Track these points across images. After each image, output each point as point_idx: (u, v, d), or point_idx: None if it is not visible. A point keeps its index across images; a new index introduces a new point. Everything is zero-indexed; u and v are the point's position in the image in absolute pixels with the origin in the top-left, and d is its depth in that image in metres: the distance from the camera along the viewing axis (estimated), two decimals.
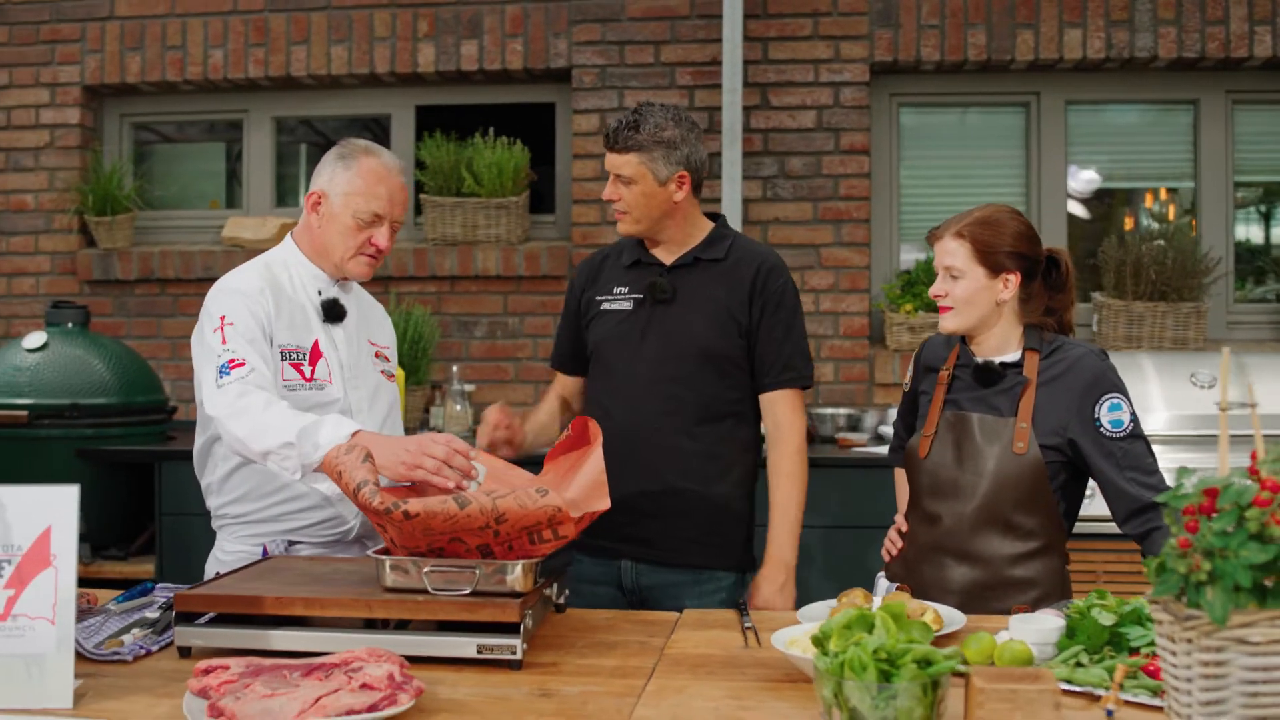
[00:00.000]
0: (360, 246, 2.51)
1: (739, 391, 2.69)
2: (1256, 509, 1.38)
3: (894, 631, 1.58)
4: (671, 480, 2.62)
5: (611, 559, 2.66)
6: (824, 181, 4.61)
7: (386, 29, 4.82)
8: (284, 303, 2.50)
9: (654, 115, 2.61)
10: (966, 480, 2.31)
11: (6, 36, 4.97)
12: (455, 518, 1.85)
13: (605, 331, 2.72)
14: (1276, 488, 1.38)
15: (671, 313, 2.67)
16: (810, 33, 4.61)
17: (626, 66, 4.70)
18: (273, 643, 1.92)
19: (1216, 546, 1.39)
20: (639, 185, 2.60)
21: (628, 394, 2.66)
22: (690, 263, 2.69)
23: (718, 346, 2.64)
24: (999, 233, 2.33)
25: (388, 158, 2.53)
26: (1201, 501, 1.43)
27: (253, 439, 2.20)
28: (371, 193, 2.48)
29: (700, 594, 2.63)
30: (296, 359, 2.47)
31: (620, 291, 2.72)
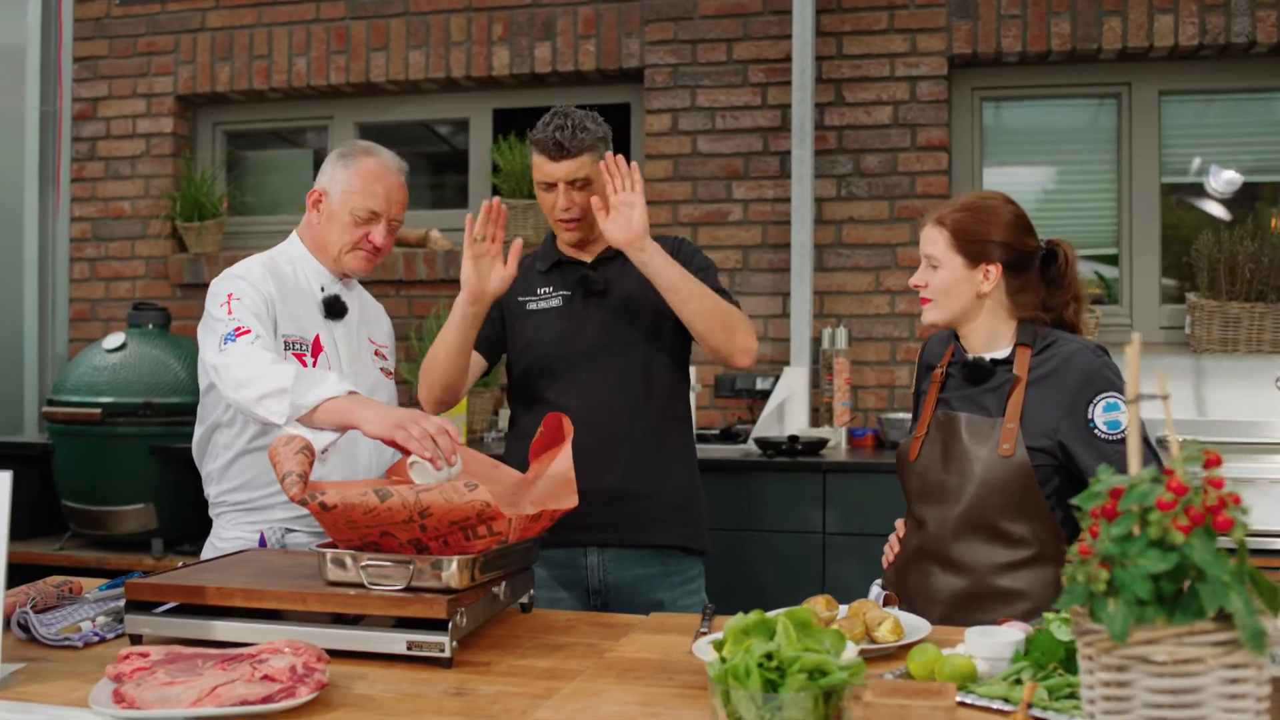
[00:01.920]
0: (357, 242, 2.55)
1: (676, 372, 2.72)
2: (1159, 512, 1.24)
3: (792, 639, 1.47)
4: (629, 463, 2.62)
5: (577, 549, 2.63)
6: (900, 179, 4.45)
7: (462, 33, 4.85)
8: (287, 294, 2.53)
9: (585, 117, 2.61)
10: (952, 483, 2.17)
11: (106, 49, 5.17)
12: (376, 510, 1.81)
13: (538, 330, 2.69)
14: (1181, 490, 1.24)
15: (607, 303, 2.67)
16: (886, 26, 4.46)
17: (699, 65, 4.63)
18: (215, 633, 1.91)
19: (1115, 554, 1.25)
20: (594, 184, 2.59)
21: (574, 386, 2.64)
22: (613, 256, 2.68)
23: (655, 330, 2.66)
24: (983, 221, 2.19)
25: (387, 158, 2.58)
26: (1105, 503, 1.30)
27: (251, 382, 2.21)
28: (369, 190, 2.53)
29: (671, 585, 2.62)
30: (299, 349, 2.50)
31: (545, 291, 2.72)
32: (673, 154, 4.65)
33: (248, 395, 2.20)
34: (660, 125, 4.66)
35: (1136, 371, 1.31)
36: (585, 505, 2.56)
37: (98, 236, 5.19)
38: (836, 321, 4.43)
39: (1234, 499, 1.24)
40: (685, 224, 4.62)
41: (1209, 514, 1.23)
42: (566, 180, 2.58)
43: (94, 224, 5.19)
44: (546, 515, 2.05)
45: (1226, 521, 1.23)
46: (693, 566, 2.68)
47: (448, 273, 4.76)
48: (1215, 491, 1.24)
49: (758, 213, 4.58)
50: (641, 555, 2.62)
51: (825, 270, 4.49)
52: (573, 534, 2.59)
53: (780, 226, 4.52)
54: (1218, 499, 1.23)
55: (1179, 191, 4.52)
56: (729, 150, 4.60)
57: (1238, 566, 1.26)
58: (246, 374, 2.22)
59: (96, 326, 5.14)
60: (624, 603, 2.62)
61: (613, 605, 2.63)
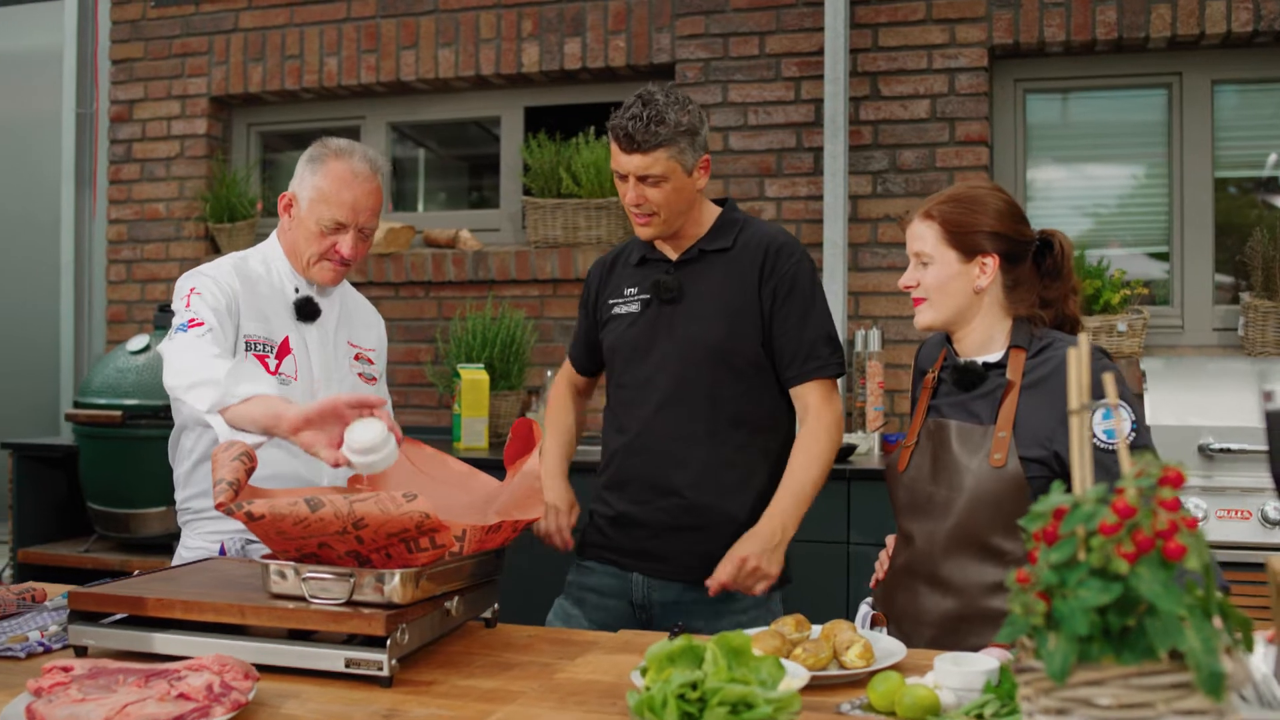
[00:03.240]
0: (324, 253, 2.45)
1: (758, 393, 2.45)
2: (1101, 537, 1.10)
3: (721, 668, 1.35)
4: (685, 493, 2.43)
5: (624, 570, 2.50)
6: (938, 175, 4.28)
7: (492, 30, 4.77)
8: (258, 295, 2.46)
9: (669, 105, 2.37)
10: (941, 496, 2.02)
11: (142, 52, 5.18)
12: (307, 521, 1.72)
13: (615, 337, 2.54)
14: (1128, 512, 1.10)
15: (679, 313, 2.46)
16: (923, 16, 4.30)
17: (731, 59, 4.50)
18: (155, 646, 1.84)
19: (1053, 584, 1.12)
20: (671, 182, 2.37)
21: (638, 402, 2.49)
22: (695, 256, 2.48)
23: (730, 346, 2.43)
24: (974, 211, 2.04)
25: (358, 160, 2.43)
26: (1047, 525, 1.16)
27: (186, 371, 2.13)
28: (336, 199, 2.41)
29: (718, 614, 2.40)
30: (262, 351, 2.41)
31: (630, 292, 2.54)
32: None
33: (180, 382, 2.13)
34: None
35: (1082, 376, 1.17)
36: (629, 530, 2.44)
37: (133, 238, 5.20)
38: (871, 323, 4.28)
39: (1189, 523, 1.10)
40: None
41: (1159, 539, 1.09)
42: (637, 175, 2.36)
43: (130, 226, 5.20)
44: (507, 526, 1.94)
45: (1178, 548, 1.08)
46: (745, 596, 2.41)
47: (477, 274, 4.69)
48: (1167, 514, 1.10)
49: (791, 211, 4.44)
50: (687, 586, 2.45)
51: (860, 270, 4.33)
52: (619, 556, 2.47)
53: (814, 225, 4.37)
54: (1169, 523, 1.09)
55: (1234, 186, 4.29)
56: (761, 146, 4.47)
57: (1199, 598, 1.12)
58: (184, 362, 2.15)
59: (132, 328, 5.14)
60: (667, 620, 2.45)
61: (656, 623, 2.47)
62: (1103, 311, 3.97)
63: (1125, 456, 1.15)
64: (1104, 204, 4.41)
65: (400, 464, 2.27)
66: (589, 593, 2.55)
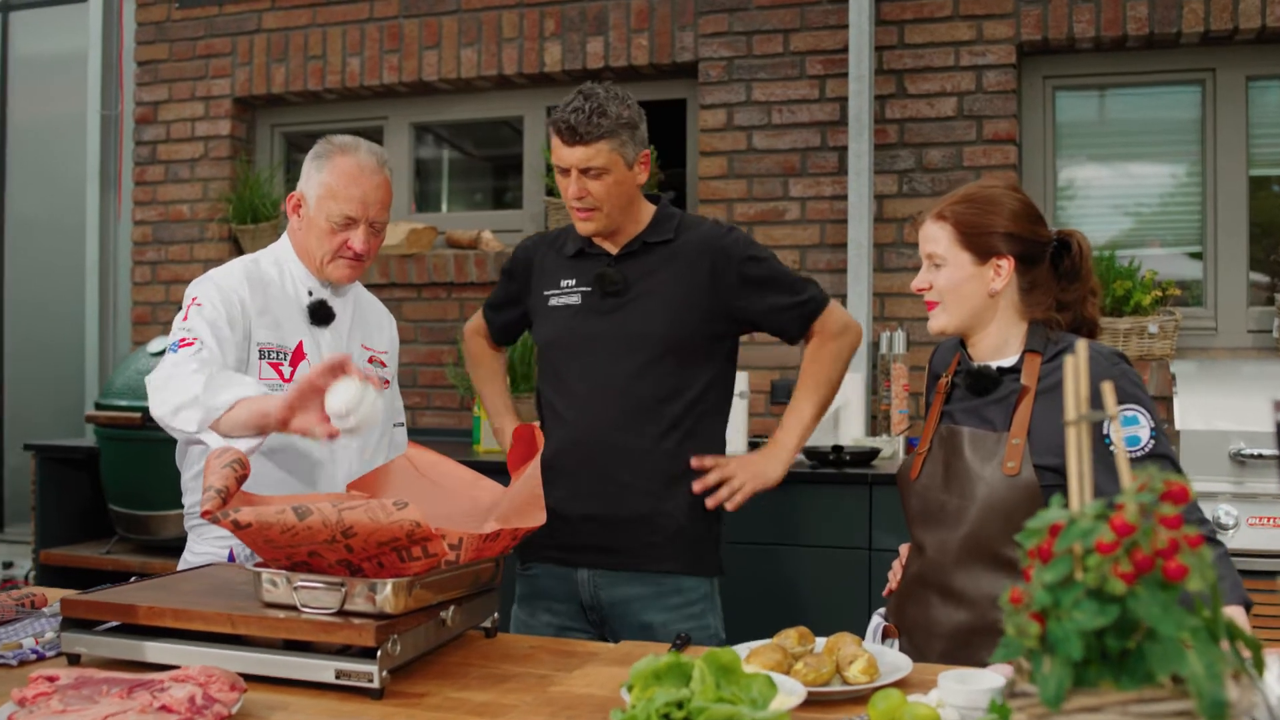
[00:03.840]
0: (337, 250, 2.42)
1: (704, 379, 2.49)
2: (1097, 556, 1.04)
3: (708, 686, 1.30)
4: (632, 483, 2.43)
5: (570, 568, 2.48)
6: (965, 175, 4.20)
7: (514, 29, 4.74)
8: (270, 300, 2.43)
9: (610, 99, 2.40)
10: (953, 505, 1.96)
11: (166, 53, 5.18)
12: (294, 529, 1.69)
13: (554, 330, 2.52)
14: (1126, 529, 1.04)
15: (624, 305, 2.46)
16: (950, 13, 4.22)
17: (754, 58, 4.44)
18: (146, 654, 1.81)
19: (1047, 605, 1.06)
20: (612, 175, 2.40)
21: (582, 395, 2.47)
22: (638, 249, 2.49)
23: (677, 335, 2.46)
24: (988, 211, 1.98)
25: (364, 154, 2.41)
26: (1043, 542, 1.10)
27: (167, 398, 2.12)
28: (344, 194, 2.38)
29: (666, 608, 2.43)
30: (276, 359, 2.39)
31: (568, 284, 2.53)
32: (727, 150, 4.47)
33: (164, 411, 2.13)
34: (715, 121, 4.49)
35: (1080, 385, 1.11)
36: (575, 525, 2.43)
37: (158, 240, 5.20)
38: (896, 325, 4.20)
39: (1191, 541, 1.04)
40: (740, 222, 4.43)
41: (1158, 559, 1.03)
42: (579, 168, 2.39)
43: (154, 227, 5.20)
44: (506, 534, 1.90)
45: (1179, 569, 1.03)
46: (696, 588, 2.48)
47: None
48: (1168, 532, 1.04)
49: (815, 211, 4.37)
50: (634, 575, 2.46)
51: (885, 271, 4.26)
52: (562, 553, 2.45)
53: (839, 225, 4.31)
54: (1169, 541, 1.03)
55: (1271, 184, 4.19)
56: (785, 146, 4.40)
57: (1205, 619, 1.06)
58: (166, 391, 2.14)
59: (157, 330, 5.14)
60: (618, 621, 2.47)
61: (610, 623, 2.48)
62: (1133, 313, 3.89)
63: (1124, 468, 1.09)
64: (1135, 203, 4.32)
65: (403, 469, 2.25)
66: (538, 600, 2.55)
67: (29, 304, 5.62)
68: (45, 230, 5.58)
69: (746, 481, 2.46)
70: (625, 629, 2.46)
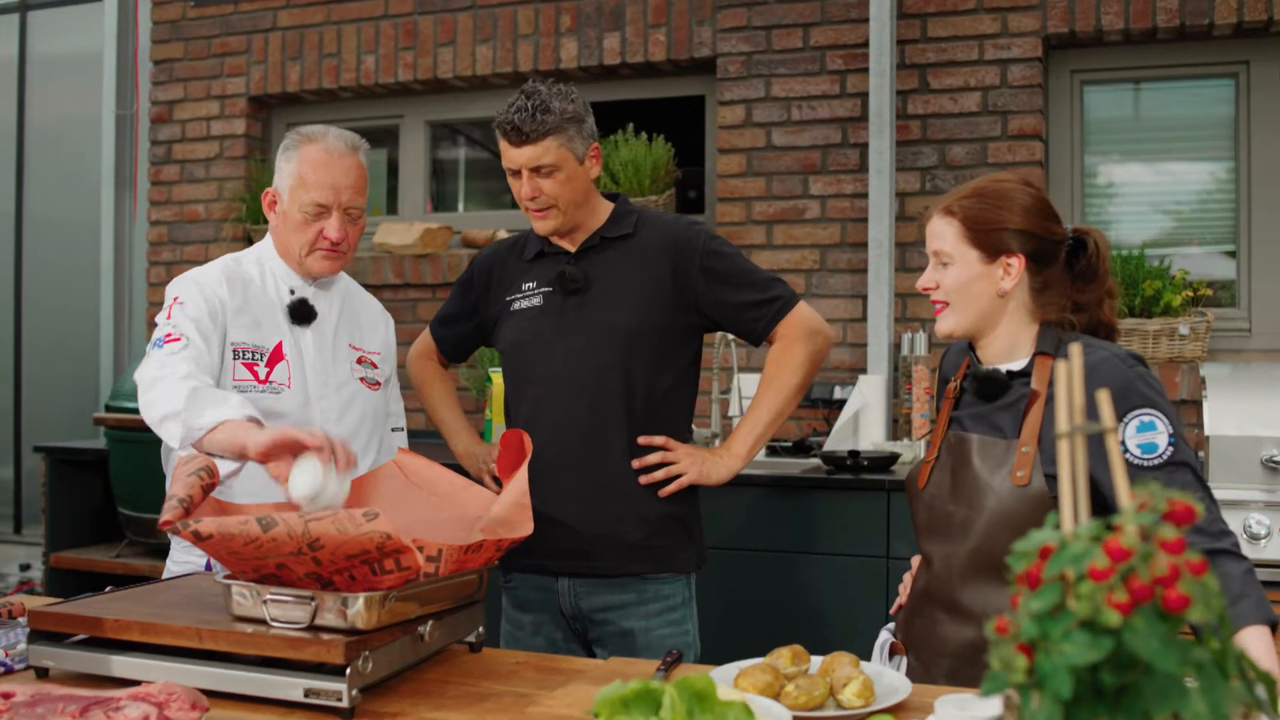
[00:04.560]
0: (313, 242, 2.35)
1: (674, 369, 2.44)
2: (1090, 583, 0.94)
3: (679, 714, 1.21)
4: (605, 483, 2.37)
5: (550, 577, 2.42)
6: (990, 172, 4.06)
7: (530, 25, 4.66)
8: (250, 300, 2.36)
9: (553, 95, 2.35)
10: (960, 516, 1.86)
11: (182, 52, 5.15)
12: (259, 541, 1.61)
13: (517, 333, 2.46)
14: (1121, 554, 0.94)
15: (588, 302, 2.41)
16: (974, 5, 4.10)
17: (774, 53, 4.34)
18: (113, 669, 1.74)
19: (1033, 635, 0.96)
20: (563, 171, 2.36)
21: (547, 396, 2.41)
22: (597, 244, 2.44)
23: (643, 328, 2.40)
24: (998, 207, 1.87)
25: (332, 140, 2.34)
26: (1032, 565, 1.01)
27: (154, 404, 2.09)
28: (314, 181, 2.31)
29: (647, 614, 2.38)
30: (251, 359, 2.32)
31: (529, 287, 2.48)
32: (746, 147, 4.37)
33: (151, 415, 2.09)
34: (733, 117, 4.39)
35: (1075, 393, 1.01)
36: (549, 530, 2.36)
37: (174, 240, 5.16)
38: (919, 326, 4.09)
39: (1194, 567, 0.94)
40: (759, 221, 4.34)
41: (1157, 587, 0.93)
42: (529, 167, 2.35)
43: (170, 227, 5.17)
44: (490, 545, 1.82)
45: (1180, 599, 0.92)
46: (676, 592, 2.43)
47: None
48: (1168, 558, 0.94)
49: (836, 209, 4.27)
50: (611, 581, 2.39)
51: (907, 270, 4.15)
52: (540, 560, 2.38)
53: (860, 224, 4.20)
54: (1170, 568, 0.93)
55: None
56: (805, 143, 4.30)
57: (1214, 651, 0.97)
58: (153, 393, 2.09)
59: None
60: (600, 629, 2.41)
61: (592, 631, 2.42)
62: (1164, 314, 3.76)
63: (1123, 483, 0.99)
64: (1167, 201, 4.19)
65: (391, 475, 2.18)
66: (522, 612, 2.49)
67: (46, 305, 5.61)
68: (61, 230, 5.56)
69: (687, 470, 2.39)
70: (609, 637, 2.40)
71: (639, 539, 2.38)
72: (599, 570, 2.38)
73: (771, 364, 2.48)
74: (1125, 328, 3.79)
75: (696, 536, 2.49)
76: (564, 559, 2.39)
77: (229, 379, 2.29)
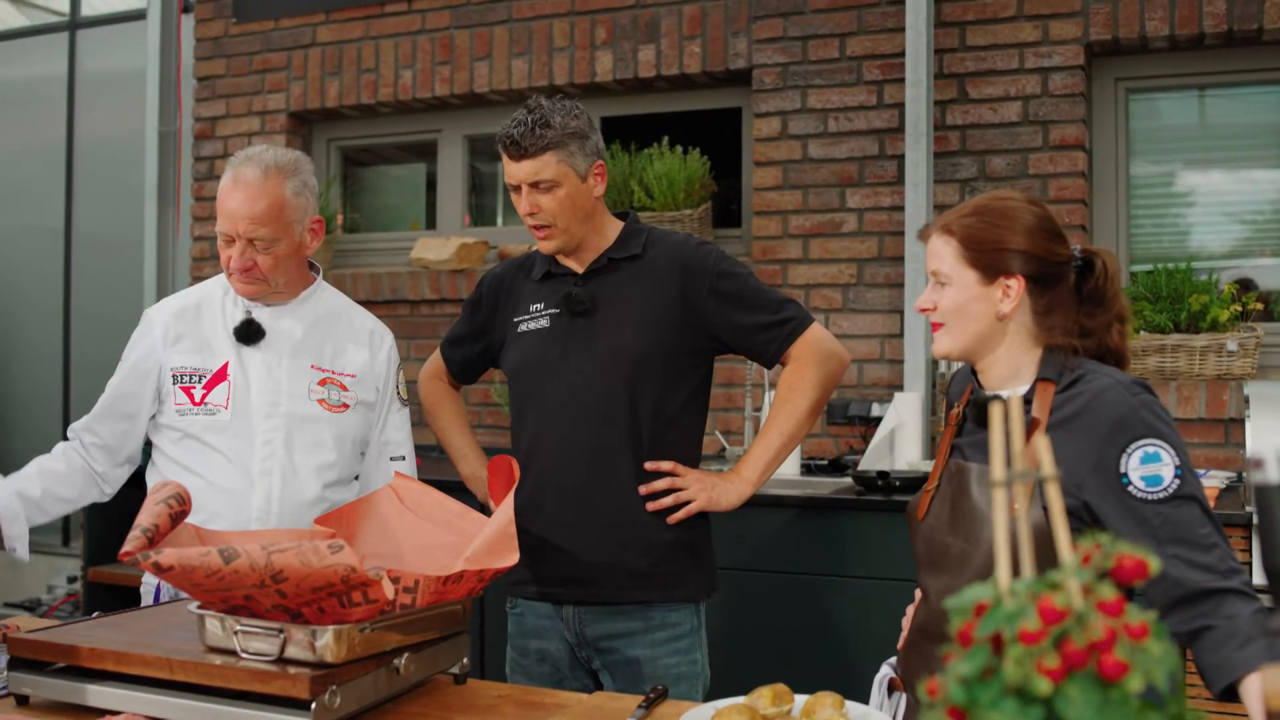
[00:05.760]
0: (227, 265, 2.37)
1: (682, 393, 2.38)
2: (1020, 646, 0.87)
3: None
4: (610, 510, 2.31)
5: (554, 604, 2.37)
6: (1031, 183, 3.98)
7: (565, 38, 4.63)
8: (199, 322, 2.41)
9: (555, 109, 2.30)
10: (957, 549, 1.78)
11: (224, 69, 5.19)
12: (220, 573, 1.58)
13: (523, 355, 2.41)
14: (1056, 616, 0.87)
15: (594, 325, 2.35)
16: (1014, 13, 4.00)
17: (810, 63, 4.27)
18: (88, 698, 1.73)
19: (960, 701, 0.89)
20: (563, 188, 2.30)
21: (553, 420, 2.36)
22: (604, 265, 2.38)
23: (651, 351, 2.34)
24: (999, 226, 1.79)
25: (248, 168, 2.32)
26: (967, 622, 0.94)
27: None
28: (221, 209, 2.34)
29: (654, 643, 2.32)
30: (189, 382, 2.36)
31: (536, 308, 2.42)
32: (782, 160, 4.30)
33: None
34: (769, 129, 4.32)
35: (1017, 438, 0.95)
36: (552, 557, 2.31)
37: (215, 255, 5.18)
38: None
39: (1134, 631, 0.87)
40: (795, 235, 4.27)
41: (1094, 653, 0.86)
42: (528, 182, 2.31)
43: (212, 243, 5.19)
44: (472, 575, 1.78)
45: (1116, 665, 0.85)
46: (683, 620, 2.36)
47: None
48: (1107, 620, 0.87)
49: (874, 222, 4.19)
50: (616, 609, 2.33)
51: None
52: (544, 588, 2.33)
53: (898, 237, 4.11)
54: (1106, 631, 0.86)
55: None
56: (842, 155, 4.22)
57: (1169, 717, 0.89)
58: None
59: None
60: (605, 657, 2.35)
61: (597, 660, 2.37)
62: (1210, 329, 3.63)
63: (1064, 537, 0.92)
64: (1217, 212, 4.05)
65: (386, 500, 2.14)
66: (529, 638, 2.44)
67: (94, 318, 5.68)
68: (108, 245, 5.63)
69: (696, 497, 2.33)
70: (614, 665, 2.35)
71: (644, 567, 2.32)
72: (602, 598, 2.33)
73: (784, 387, 2.41)
74: (1172, 343, 3.66)
75: (706, 564, 2.43)
76: (567, 586, 2.34)
77: (171, 405, 2.36)
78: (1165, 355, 3.69)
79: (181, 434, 2.36)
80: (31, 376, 5.95)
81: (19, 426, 5.92)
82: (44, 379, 5.85)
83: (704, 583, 2.41)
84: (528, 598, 2.40)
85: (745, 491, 2.38)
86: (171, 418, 2.37)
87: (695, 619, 2.40)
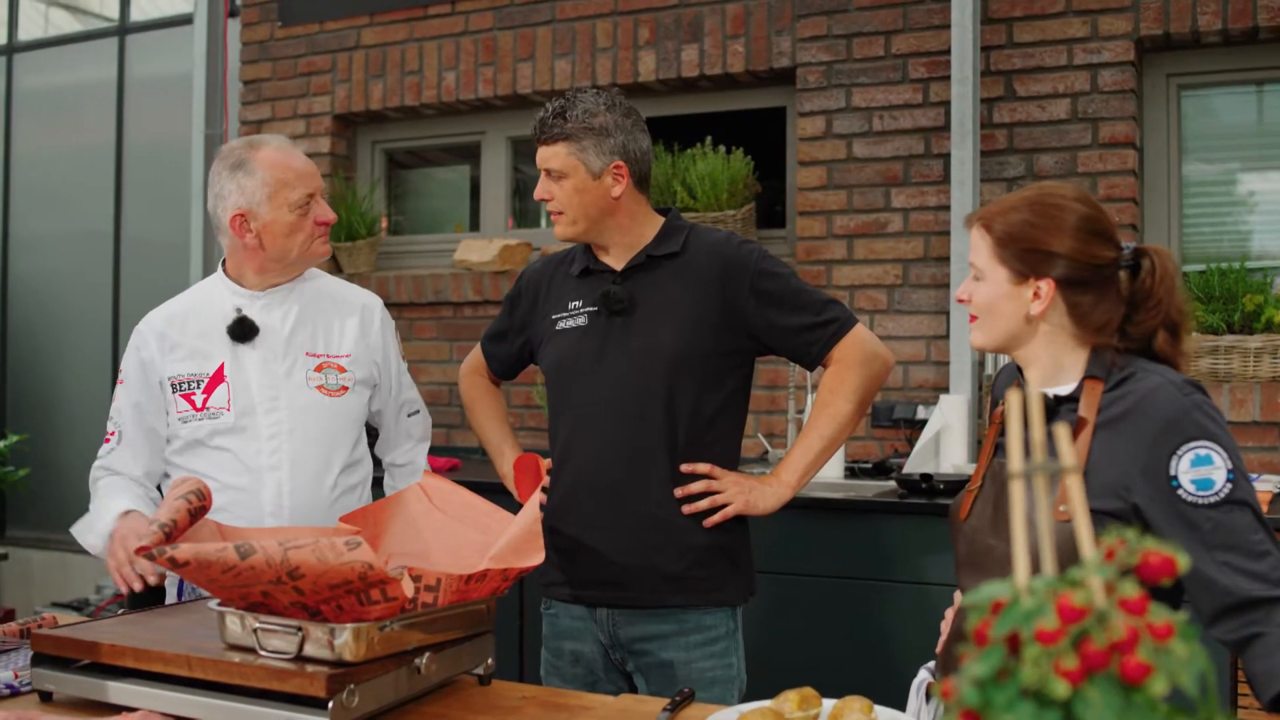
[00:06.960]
0: (312, 232, 2.39)
1: (721, 394, 2.33)
2: (1037, 646, 0.83)
3: None
4: (645, 513, 2.27)
5: (588, 607, 2.33)
6: (1080, 181, 3.89)
7: (608, 39, 4.61)
8: (187, 331, 2.41)
9: (583, 101, 2.30)
10: (1000, 551, 1.73)
11: (270, 72, 5.22)
12: (236, 569, 1.56)
13: (560, 353, 2.37)
14: (1075, 614, 0.83)
15: (632, 323, 2.31)
16: (1062, 8, 3.93)
17: (855, 62, 4.22)
18: (109, 695, 1.72)
19: (975, 703, 0.85)
20: (571, 180, 2.29)
21: (589, 421, 2.32)
22: (643, 263, 2.34)
23: (690, 351, 2.29)
24: (1038, 226, 1.72)
25: (276, 141, 2.40)
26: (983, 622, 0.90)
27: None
28: (294, 176, 2.36)
29: (688, 646, 2.28)
30: (189, 389, 2.37)
31: (574, 306, 2.38)
32: (826, 159, 4.25)
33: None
34: (813, 129, 4.27)
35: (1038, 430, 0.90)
36: (585, 559, 2.28)
37: None
38: None
39: (1158, 631, 0.82)
40: (840, 236, 4.22)
41: (1115, 654, 0.82)
42: (542, 167, 2.32)
43: None
44: (495, 575, 1.75)
45: (1139, 667, 0.81)
46: (719, 624, 2.31)
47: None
48: (1129, 619, 0.82)
49: (919, 222, 4.12)
50: (652, 612, 2.30)
51: None
52: (578, 590, 2.30)
53: (944, 237, 4.05)
54: (1128, 631, 0.81)
55: None
56: (887, 154, 4.17)
57: None
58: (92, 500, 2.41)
59: None
60: (639, 659, 2.32)
61: (631, 662, 2.33)
62: (1265, 330, 3.53)
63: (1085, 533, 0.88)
64: (1272, 211, 3.94)
65: (415, 499, 2.13)
66: (562, 640, 2.41)
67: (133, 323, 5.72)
68: (157, 249, 5.69)
69: (733, 500, 2.28)
70: (648, 668, 2.31)
71: (678, 570, 2.27)
72: (634, 602, 2.29)
73: (825, 389, 2.36)
74: (1225, 344, 3.57)
75: (743, 567, 2.38)
76: (600, 589, 2.31)
77: (174, 413, 2.38)
78: (1218, 357, 3.60)
79: (186, 441, 2.38)
80: (80, 382, 6.01)
81: (68, 433, 5.99)
82: (93, 386, 5.92)
83: (741, 587, 2.36)
84: (561, 599, 2.37)
85: (784, 495, 2.33)
86: (176, 427, 2.39)
87: (731, 622, 2.35)
